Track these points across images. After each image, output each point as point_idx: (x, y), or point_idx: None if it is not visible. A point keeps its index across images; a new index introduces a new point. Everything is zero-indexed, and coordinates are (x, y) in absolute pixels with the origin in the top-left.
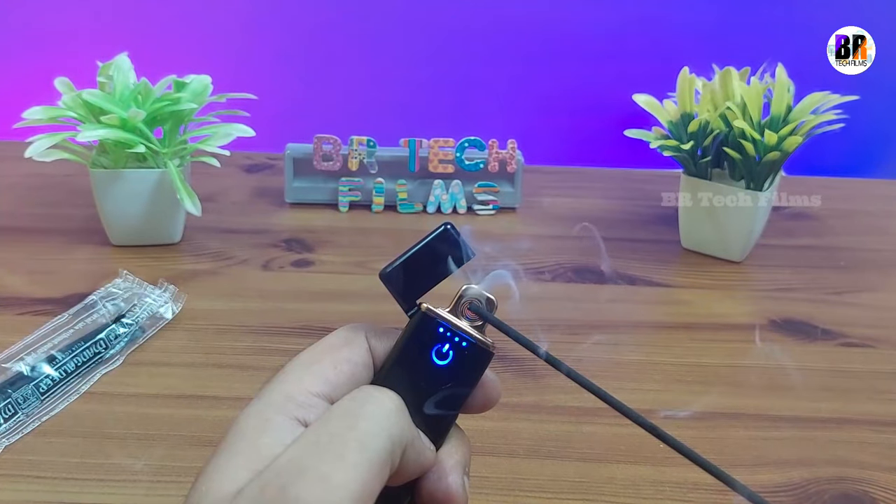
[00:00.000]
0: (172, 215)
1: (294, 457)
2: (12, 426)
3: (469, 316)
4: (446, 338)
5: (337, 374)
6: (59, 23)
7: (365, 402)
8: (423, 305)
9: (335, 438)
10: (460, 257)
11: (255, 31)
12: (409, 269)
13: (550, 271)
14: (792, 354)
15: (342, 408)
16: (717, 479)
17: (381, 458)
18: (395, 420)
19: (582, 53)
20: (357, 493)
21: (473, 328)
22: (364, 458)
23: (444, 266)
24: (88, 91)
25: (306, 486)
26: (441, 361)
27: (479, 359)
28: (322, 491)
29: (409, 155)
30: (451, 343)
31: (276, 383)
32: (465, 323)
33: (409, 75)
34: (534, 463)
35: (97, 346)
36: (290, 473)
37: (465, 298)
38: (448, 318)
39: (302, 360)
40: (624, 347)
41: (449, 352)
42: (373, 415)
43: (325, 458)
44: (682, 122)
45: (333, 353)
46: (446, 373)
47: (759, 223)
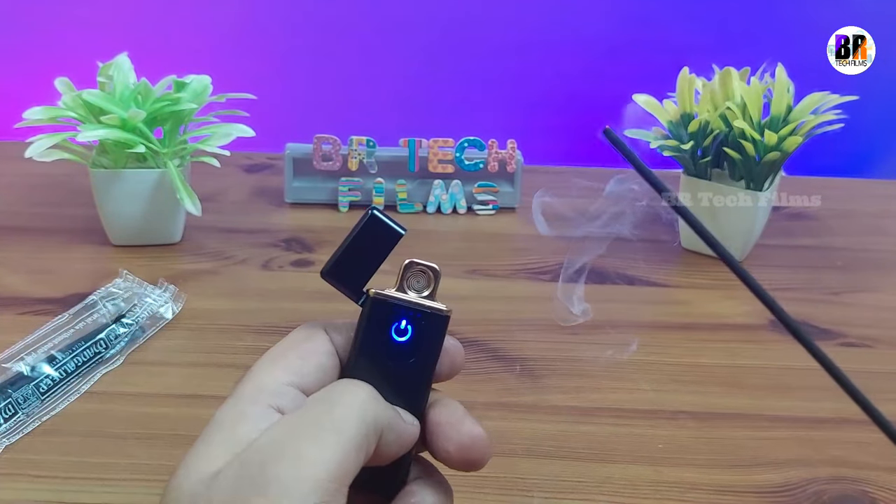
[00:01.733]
0: (172, 215)
1: (272, 439)
2: (12, 426)
3: (417, 287)
4: (401, 315)
5: (304, 364)
6: (59, 23)
7: (339, 393)
8: (371, 291)
9: (312, 422)
10: (392, 237)
11: (255, 31)
12: (347, 262)
13: (550, 271)
14: (791, 354)
15: (317, 398)
16: None
17: (356, 440)
18: (368, 406)
19: (582, 53)
20: (333, 472)
21: (423, 298)
22: (340, 440)
23: (379, 249)
24: (88, 91)
25: (284, 465)
26: (402, 338)
27: (437, 326)
28: (299, 469)
29: (409, 155)
30: (406, 318)
31: (247, 379)
32: (413, 296)
33: (408, 75)
34: (532, 462)
35: (97, 346)
36: (268, 453)
37: (408, 272)
38: (397, 295)
39: (268, 356)
40: (624, 347)
41: (407, 327)
42: (347, 402)
43: (302, 439)
44: (682, 122)
45: (298, 346)
46: (410, 347)
47: (758, 223)
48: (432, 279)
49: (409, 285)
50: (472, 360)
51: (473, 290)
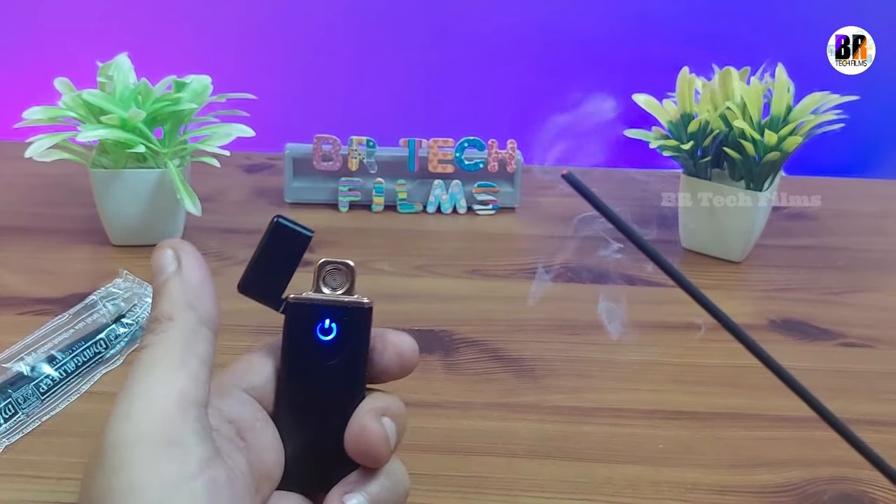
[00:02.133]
0: (172, 215)
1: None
2: (12, 426)
3: (334, 285)
4: (322, 314)
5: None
6: (59, 23)
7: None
8: (289, 297)
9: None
10: (301, 241)
11: (255, 31)
12: (261, 273)
13: (550, 271)
14: (791, 354)
15: None
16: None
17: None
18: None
19: (582, 53)
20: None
21: (343, 295)
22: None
23: (291, 256)
24: (88, 91)
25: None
26: (328, 337)
27: (360, 319)
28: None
29: (409, 155)
30: (328, 317)
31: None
32: (331, 293)
33: (408, 75)
34: (532, 463)
35: (97, 346)
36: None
37: (323, 272)
38: (315, 297)
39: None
40: (624, 347)
41: (331, 325)
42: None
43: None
44: (682, 122)
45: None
46: (337, 344)
47: (758, 223)
48: (348, 275)
49: (327, 284)
50: (472, 361)
51: (473, 290)
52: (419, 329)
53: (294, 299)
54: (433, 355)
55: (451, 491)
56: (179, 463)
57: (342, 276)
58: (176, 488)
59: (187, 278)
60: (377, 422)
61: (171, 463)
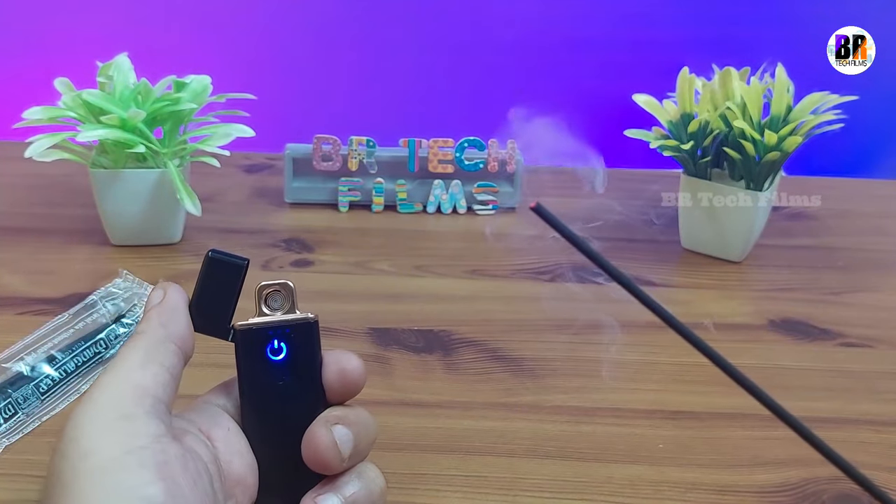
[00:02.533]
0: (172, 215)
1: None
2: (12, 426)
3: (276, 306)
4: (269, 335)
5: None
6: (59, 23)
7: None
8: (235, 325)
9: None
10: (236, 271)
11: (255, 31)
12: (204, 307)
13: (550, 271)
14: (790, 354)
15: None
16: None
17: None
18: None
19: (582, 53)
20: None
21: (285, 314)
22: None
23: (230, 285)
24: (88, 91)
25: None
26: (279, 356)
27: (307, 334)
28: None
29: (409, 155)
30: (276, 337)
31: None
32: (275, 314)
33: (408, 75)
34: (532, 463)
35: (97, 346)
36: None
37: (263, 295)
38: (260, 320)
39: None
40: (624, 347)
41: (280, 345)
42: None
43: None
44: (682, 122)
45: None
46: (289, 362)
47: (758, 223)
48: (288, 294)
49: (269, 306)
50: (472, 361)
51: (473, 290)
52: (419, 329)
53: (241, 326)
54: (433, 355)
55: (451, 491)
56: (130, 434)
57: (282, 297)
58: (124, 454)
59: (164, 305)
60: (326, 429)
61: (121, 434)
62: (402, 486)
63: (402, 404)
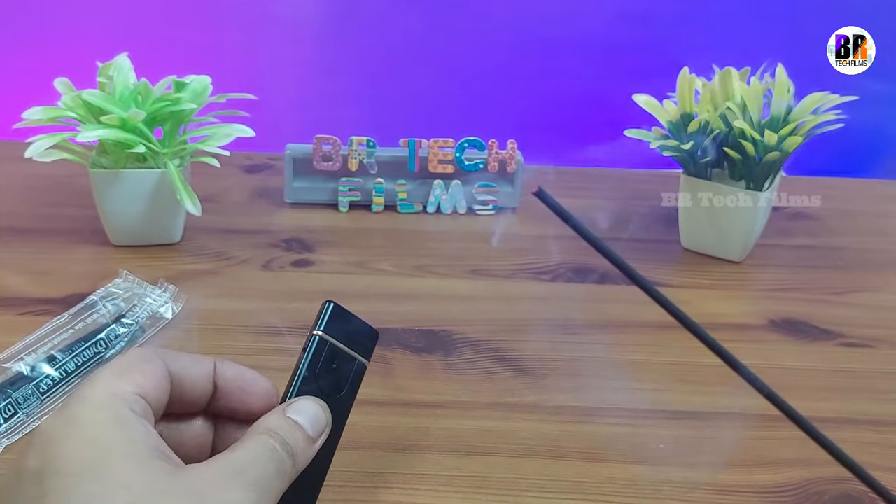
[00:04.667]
0: (172, 215)
1: None
2: (12, 426)
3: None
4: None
5: (146, 380)
6: (59, 23)
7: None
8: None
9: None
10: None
11: (255, 31)
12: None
13: (550, 271)
14: (791, 354)
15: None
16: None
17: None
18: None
19: (582, 53)
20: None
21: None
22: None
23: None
24: (88, 91)
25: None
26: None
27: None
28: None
29: (409, 155)
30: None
31: (93, 387)
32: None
33: (408, 75)
34: (533, 462)
35: (97, 346)
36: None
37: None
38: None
39: (110, 371)
40: (624, 347)
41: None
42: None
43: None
44: (682, 122)
45: (138, 366)
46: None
47: (758, 223)
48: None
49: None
50: (472, 361)
51: (473, 290)
52: (419, 329)
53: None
54: (433, 355)
55: (451, 491)
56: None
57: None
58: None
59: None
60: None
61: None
62: (402, 486)
63: (402, 404)
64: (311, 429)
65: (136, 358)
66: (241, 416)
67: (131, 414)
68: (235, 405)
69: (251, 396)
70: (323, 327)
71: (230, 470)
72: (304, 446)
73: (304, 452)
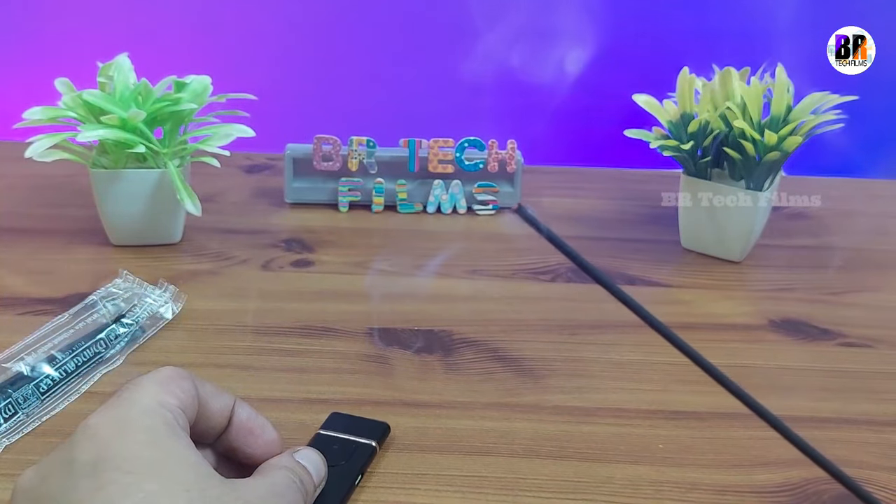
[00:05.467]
0: (172, 215)
1: None
2: (12, 426)
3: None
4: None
5: (185, 396)
6: (59, 23)
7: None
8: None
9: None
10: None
11: (255, 31)
12: None
13: (550, 271)
14: (791, 354)
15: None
16: None
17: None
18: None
19: (582, 53)
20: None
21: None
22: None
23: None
24: (88, 91)
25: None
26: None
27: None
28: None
29: (409, 155)
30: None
31: (141, 393)
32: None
33: (409, 75)
34: (533, 463)
35: (97, 346)
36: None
37: None
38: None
39: (154, 380)
40: (624, 347)
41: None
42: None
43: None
44: (682, 122)
45: (178, 382)
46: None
47: (758, 223)
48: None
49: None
50: (472, 361)
51: (473, 290)
52: (419, 329)
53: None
54: (433, 355)
55: (451, 491)
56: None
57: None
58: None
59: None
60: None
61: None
62: (402, 486)
63: (402, 404)
64: (315, 474)
65: (174, 373)
66: (242, 458)
67: (177, 425)
68: (241, 445)
69: (258, 440)
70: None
71: (273, 490)
72: (310, 490)
73: (311, 494)
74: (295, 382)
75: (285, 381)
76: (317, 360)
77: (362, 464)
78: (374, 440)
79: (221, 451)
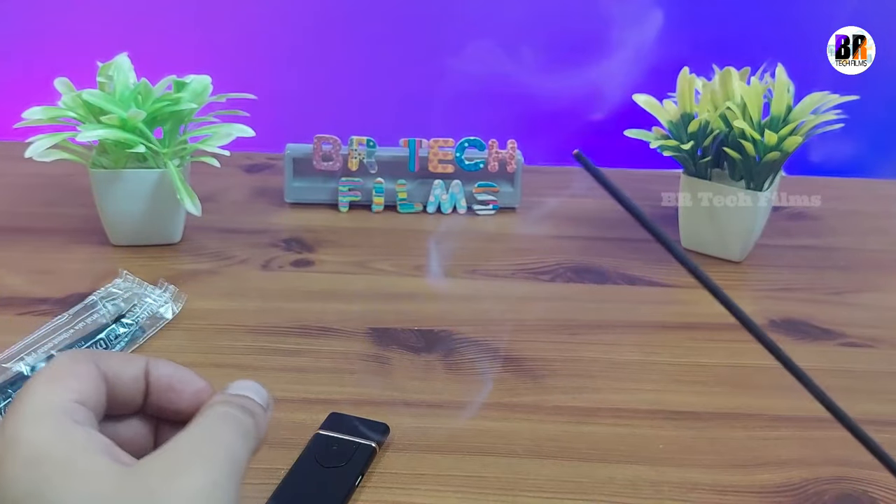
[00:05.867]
0: (172, 215)
1: None
2: None
3: None
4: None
5: (82, 383)
6: (59, 23)
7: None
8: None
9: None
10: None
11: (255, 31)
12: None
13: (550, 271)
14: (792, 354)
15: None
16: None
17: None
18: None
19: (581, 53)
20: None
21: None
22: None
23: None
24: (88, 91)
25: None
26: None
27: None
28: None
29: (409, 155)
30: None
31: (28, 401)
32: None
33: (409, 75)
34: (533, 463)
35: (97, 346)
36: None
37: None
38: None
39: (43, 379)
40: (624, 347)
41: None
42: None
43: None
44: (683, 122)
45: (70, 370)
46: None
47: (759, 223)
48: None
49: None
50: (472, 361)
51: (473, 290)
52: (419, 329)
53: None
54: (433, 355)
55: (451, 491)
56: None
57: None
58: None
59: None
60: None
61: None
62: (402, 486)
63: (402, 404)
64: (259, 398)
65: (67, 362)
66: (171, 415)
67: (70, 423)
68: (166, 404)
69: (180, 394)
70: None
71: (181, 453)
72: (258, 410)
73: (260, 415)
74: (294, 382)
75: (284, 381)
76: (316, 360)
77: (362, 464)
78: (373, 440)
79: (158, 418)
